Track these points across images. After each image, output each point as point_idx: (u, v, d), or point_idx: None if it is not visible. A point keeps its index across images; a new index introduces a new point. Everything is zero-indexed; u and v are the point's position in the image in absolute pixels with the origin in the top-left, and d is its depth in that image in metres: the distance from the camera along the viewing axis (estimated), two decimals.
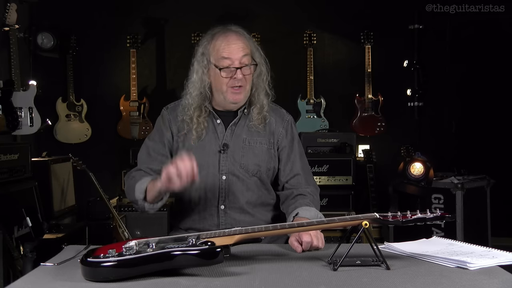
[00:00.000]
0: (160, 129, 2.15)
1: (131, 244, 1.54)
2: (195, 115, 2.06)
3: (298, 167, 2.14)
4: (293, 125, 2.21)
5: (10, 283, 1.45)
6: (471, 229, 4.11)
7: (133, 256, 1.48)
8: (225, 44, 2.01)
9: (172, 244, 1.54)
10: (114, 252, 1.49)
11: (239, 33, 2.05)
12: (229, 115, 2.12)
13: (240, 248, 1.81)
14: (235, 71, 2.00)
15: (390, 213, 1.60)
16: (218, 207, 2.07)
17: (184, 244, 1.52)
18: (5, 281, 2.83)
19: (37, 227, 3.31)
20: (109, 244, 1.63)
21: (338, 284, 1.43)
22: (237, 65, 2.00)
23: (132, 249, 1.51)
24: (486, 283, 1.43)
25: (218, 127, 2.10)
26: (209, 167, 2.07)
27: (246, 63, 2.02)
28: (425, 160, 4.20)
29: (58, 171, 4.05)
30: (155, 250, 1.49)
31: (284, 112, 2.22)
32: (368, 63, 5.02)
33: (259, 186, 2.12)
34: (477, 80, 5.06)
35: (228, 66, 2.00)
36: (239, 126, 2.11)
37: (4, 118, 3.77)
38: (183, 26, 5.07)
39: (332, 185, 4.36)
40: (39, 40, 4.64)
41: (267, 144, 2.12)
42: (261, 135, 2.11)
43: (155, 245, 1.52)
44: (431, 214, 1.58)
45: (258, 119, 2.10)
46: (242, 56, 2.01)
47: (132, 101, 4.94)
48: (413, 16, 4.97)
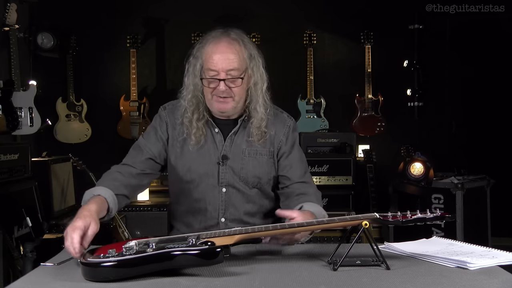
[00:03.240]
0: (155, 129, 2.07)
1: (131, 244, 1.54)
2: (194, 118, 2.00)
3: (298, 173, 2.07)
4: (294, 130, 2.12)
5: (10, 283, 1.45)
6: (471, 229, 4.11)
7: (133, 256, 1.47)
8: (214, 54, 1.91)
9: (172, 244, 1.54)
10: (114, 252, 1.49)
11: (233, 42, 1.94)
12: (229, 124, 2.04)
13: (240, 248, 1.81)
14: (218, 83, 1.91)
15: (390, 213, 1.60)
16: (219, 219, 2.02)
17: (184, 244, 1.52)
18: (5, 281, 2.83)
19: (37, 227, 3.31)
20: (109, 244, 1.63)
21: (338, 284, 1.43)
22: (222, 76, 1.90)
23: (132, 249, 1.51)
24: (486, 283, 1.43)
25: (216, 136, 2.03)
26: (209, 178, 2.02)
27: (233, 75, 1.91)
28: (425, 160, 4.20)
29: (58, 171, 4.04)
30: (155, 250, 1.49)
31: (286, 116, 2.13)
32: (368, 63, 5.02)
33: (260, 197, 2.07)
34: (477, 80, 5.06)
35: (212, 77, 1.92)
36: (238, 136, 2.03)
37: (4, 118, 3.77)
38: (183, 26, 5.07)
39: (332, 185, 4.36)
40: (39, 40, 4.64)
41: (267, 155, 2.05)
42: (261, 145, 2.04)
43: (155, 245, 1.52)
44: (431, 214, 1.58)
45: (257, 135, 2.01)
46: (229, 68, 1.90)
47: (132, 101, 4.94)
48: (413, 16, 4.97)
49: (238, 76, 1.93)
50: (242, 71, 1.94)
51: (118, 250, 1.51)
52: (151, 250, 1.49)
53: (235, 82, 1.93)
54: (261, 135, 2.02)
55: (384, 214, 1.59)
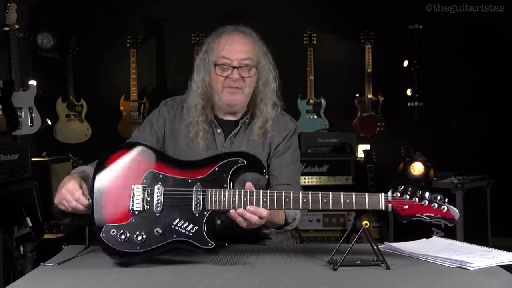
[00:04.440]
0: (151, 123, 2.06)
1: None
2: (200, 119, 1.98)
3: (285, 175, 2.03)
4: (294, 133, 2.08)
5: (10, 283, 1.46)
6: (471, 229, 4.11)
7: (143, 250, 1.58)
8: (228, 43, 1.92)
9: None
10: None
11: (246, 34, 1.97)
12: (230, 125, 2.03)
13: (240, 248, 1.81)
14: (232, 70, 1.91)
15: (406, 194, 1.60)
16: (215, 221, 1.97)
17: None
18: (5, 281, 2.83)
19: (37, 227, 3.30)
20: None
21: (338, 284, 1.43)
22: (235, 64, 1.91)
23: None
24: (486, 283, 1.43)
25: (218, 137, 2.02)
26: None
27: (246, 64, 1.93)
28: (425, 160, 4.19)
29: (58, 171, 4.04)
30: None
31: (288, 119, 2.10)
32: (368, 63, 5.02)
33: None
34: (477, 80, 5.06)
35: (224, 64, 1.92)
36: (238, 138, 2.02)
37: (4, 118, 3.77)
38: (183, 26, 5.07)
39: (332, 185, 4.36)
40: (39, 40, 4.64)
41: (266, 157, 2.04)
42: (260, 148, 2.02)
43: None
44: (435, 212, 1.60)
45: (258, 134, 2.00)
46: (242, 57, 1.92)
47: (132, 101, 4.94)
48: (413, 16, 4.97)
49: (251, 65, 1.94)
50: (255, 62, 1.96)
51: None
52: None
53: (249, 72, 1.94)
54: (262, 135, 2.01)
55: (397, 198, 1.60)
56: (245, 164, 1.67)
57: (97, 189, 1.65)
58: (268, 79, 2.01)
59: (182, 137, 2.02)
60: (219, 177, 1.66)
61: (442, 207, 1.59)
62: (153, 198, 1.63)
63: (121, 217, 1.62)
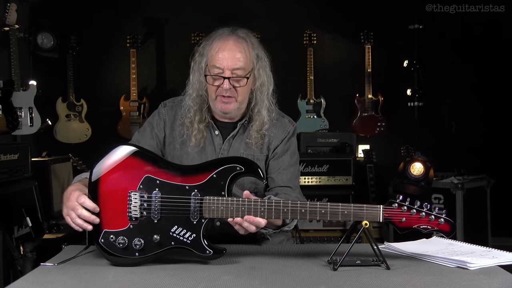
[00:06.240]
0: (152, 126, 2.06)
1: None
2: (196, 119, 1.97)
3: (284, 177, 2.02)
4: (293, 135, 2.07)
5: (10, 283, 1.45)
6: (471, 229, 4.11)
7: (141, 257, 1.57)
8: (220, 51, 1.88)
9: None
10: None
11: (240, 39, 1.92)
12: (228, 127, 2.01)
13: (240, 248, 1.81)
14: (223, 80, 1.88)
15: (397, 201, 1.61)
16: (214, 223, 1.96)
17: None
18: (5, 281, 2.83)
19: (37, 227, 3.30)
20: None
21: (338, 284, 1.43)
22: (226, 74, 1.87)
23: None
24: (486, 283, 1.43)
25: (216, 139, 2.00)
26: None
27: (238, 74, 1.89)
28: (425, 160, 4.20)
29: (58, 171, 4.04)
30: None
31: (287, 121, 2.08)
32: (368, 63, 5.02)
33: None
34: (477, 80, 5.06)
35: (216, 74, 1.89)
36: (236, 140, 2.01)
37: (4, 118, 3.77)
38: (183, 26, 5.07)
39: (332, 185, 4.36)
40: (39, 40, 4.64)
41: (264, 160, 2.03)
42: (258, 150, 2.01)
43: None
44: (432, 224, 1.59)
45: (256, 138, 1.98)
46: (234, 66, 1.87)
47: (132, 101, 4.94)
48: (413, 16, 4.97)
49: (243, 75, 1.90)
50: (248, 71, 1.92)
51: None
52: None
53: (240, 82, 1.91)
54: (259, 138, 1.99)
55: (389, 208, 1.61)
56: (243, 171, 1.65)
57: (94, 194, 1.64)
58: (263, 84, 1.98)
59: (182, 139, 2.01)
60: (217, 183, 1.64)
61: (440, 219, 1.59)
62: (151, 205, 1.63)
63: (119, 223, 1.62)
